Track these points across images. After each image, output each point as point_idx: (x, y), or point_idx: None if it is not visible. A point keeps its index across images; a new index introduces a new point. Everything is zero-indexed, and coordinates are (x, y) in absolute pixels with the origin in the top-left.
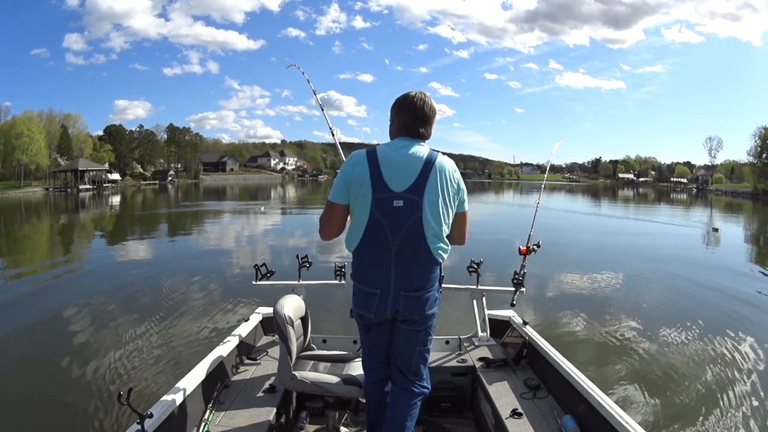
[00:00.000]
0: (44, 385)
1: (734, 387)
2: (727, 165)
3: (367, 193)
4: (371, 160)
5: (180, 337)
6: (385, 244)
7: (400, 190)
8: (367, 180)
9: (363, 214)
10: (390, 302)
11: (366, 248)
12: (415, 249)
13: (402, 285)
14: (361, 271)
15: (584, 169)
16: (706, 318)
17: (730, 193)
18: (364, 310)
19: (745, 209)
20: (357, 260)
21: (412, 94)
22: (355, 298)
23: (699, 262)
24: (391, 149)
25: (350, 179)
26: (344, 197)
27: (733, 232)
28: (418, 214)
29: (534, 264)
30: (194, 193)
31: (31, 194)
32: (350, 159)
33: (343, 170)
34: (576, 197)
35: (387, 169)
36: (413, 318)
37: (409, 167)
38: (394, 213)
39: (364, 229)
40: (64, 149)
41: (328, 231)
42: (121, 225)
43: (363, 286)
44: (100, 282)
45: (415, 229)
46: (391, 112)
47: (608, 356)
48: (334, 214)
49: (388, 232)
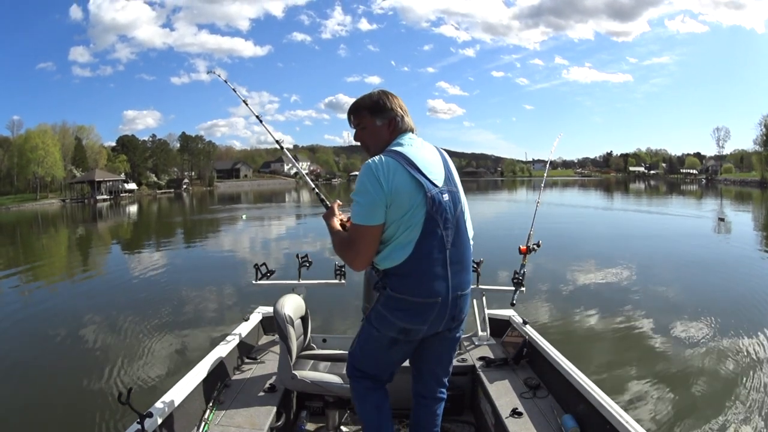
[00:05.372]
0: (45, 385)
1: (739, 387)
2: (736, 155)
3: (418, 196)
4: (404, 161)
5: (180, 337)
6: (442, 244)
7: (440, 184)
8: (413, 181)
9: (415, 219)
10: (449, 308)
11: (422, 254)
12: (463, 243)
13: (458, 285)
14: (417, 281)
15: (596, 163)
16: (712, 316)
17: (739, 183)
18: (417, 323)
19: (753, 198)
20: (407, 271)
21: (382, 92)
22: (400, 313)
23: (705, 253)
24: (410, 147)
25: (393, 190)
26: (382, 215)
27: (741, 220)
28: (460, 206)
29: (537, 262)
30: (209, 201)
31: (48, 206)
32: (380, 170)
33: (374, 185)
34: (588, 192)
35: (422, 166)
36: (461, 319)
37: (434, 160)
38: (445, 208)
39: (420, 234)
40: (79, 161)
41: (366, 258)
42: (137, 233)
43: (420, 299)
44: (106, 285)
45: (461, 222)
46: (364, 118)
47: (609, 356)
48: (373, 239)
49: (443, 230)
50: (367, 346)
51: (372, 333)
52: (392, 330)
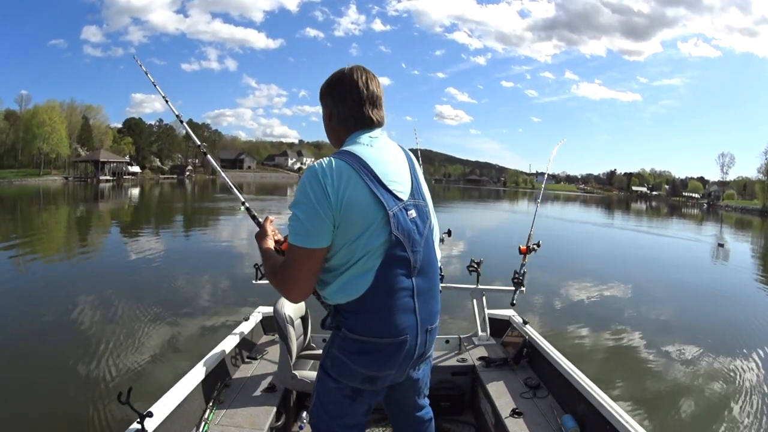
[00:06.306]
0: (43, 385)
1: (737, 398)
2: (740, 182)
3: (376, 213)
4: (360, 167)
5: (180, 336)
6: (408, 271)
7: (406, 197)
8: (370, 195)
9: (373, 243)
10: (417, 347)
11: (384, 286)
12: (432, 267)
13: (427, 318)
14: (379, 318)
15: (599, 180)
16: (705, 328)
17: (740, 210)
18: (385, 369)
19: (753, 226)
20: (368, 307)
21: (364, 72)
22: (363, 359)
23: (703, 275)
24: (369, 147)
25: (343, 205)
26: (327, 236)
27: (740, 248)
28: (429, 222)
29: (537, 267)
30: (211, 190)
31: (50, 182)
32: (327, 177)
33: (319, 195)
34: (589, 209)
35: (385, 175)
36: (429, 355)
37: (399, 167)
38: (412, 227)
39: (381, 261)
40: (85, 140)
41: (303, 290)
42: (137, 216)
43: (387, 339)
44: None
45: (429, 241)
46: (326, 98)
47: (609, 356)
48: (314, 266)
49: (410, 254)
50: (326, 401)
51: (329, 385)
52: (354, 380)
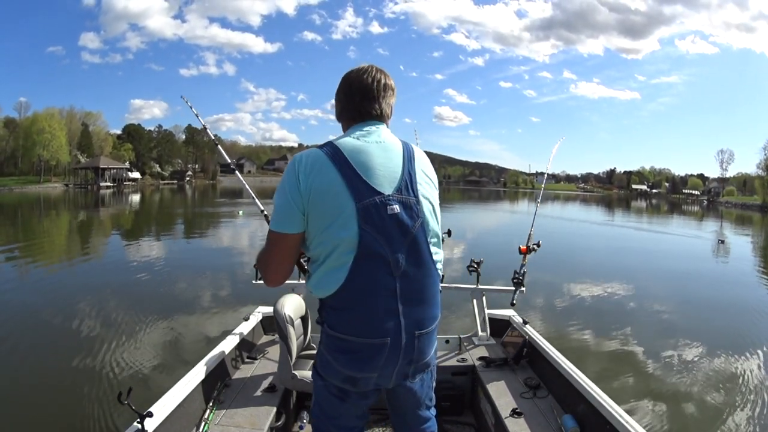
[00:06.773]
0: (44, 384)
1: (738, 398)
2: (739, 178)
3: (345, 203)
4: (335, 157)
5: (180, 336)
6: (387, 269)
7: (390, 191)
8: (340, 184)
9: (344, 235)
10: (403, 350)
11: (360, 283)
12: (423, 270)
13: (416, 323)
14: (355, 317)
15: (599, 179)
16: (707, 328)
17: (740, 206)
18: (366, 371)
19: (753, 222)
20: (344, 303)
21: (363, 67)
22: (344, 358)
23: (704, 273)
24: (355, 139)
25: (311, 192)
26: (298, 222)
27: (740, 243)
28: (420, 222)
29: (537, 267)
30: (211, 194)
31: (50, 189)
32: (301, 165)
33: (289, 183)
34: (590, 208)
35: (363, 166)
36: (425, 363)
37: (389, 160)
38: (391, 224)
39: (355, 256)
40: (85, 146)
41: (278, 273)
42: (138, 223)
43: (365, 339)
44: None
45: (419, 242)
46: (338, 94)
47: (609, 356)
48: (285, 249)
49: (389, 253)
50: (320, 399)
51: (317, 382)
52: (336, 378)
